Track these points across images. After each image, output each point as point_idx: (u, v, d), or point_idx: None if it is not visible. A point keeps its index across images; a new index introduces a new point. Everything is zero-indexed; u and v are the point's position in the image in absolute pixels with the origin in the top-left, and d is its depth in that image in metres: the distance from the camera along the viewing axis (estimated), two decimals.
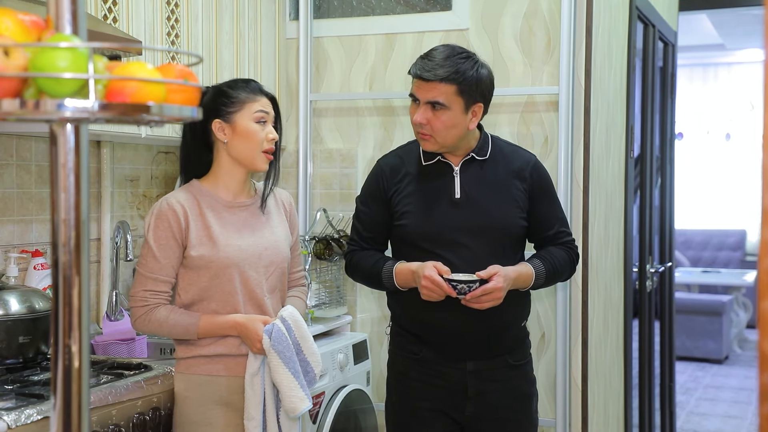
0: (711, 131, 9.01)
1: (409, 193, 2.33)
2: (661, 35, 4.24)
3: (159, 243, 2.16)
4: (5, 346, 2.20)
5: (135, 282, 2.21)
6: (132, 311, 2.20)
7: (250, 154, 2.22)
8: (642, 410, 4.07)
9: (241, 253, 2.21)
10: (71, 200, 0.87)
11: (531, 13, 3.13)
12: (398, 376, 2.42)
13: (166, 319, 2.16)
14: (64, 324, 0.87)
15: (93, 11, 2.40)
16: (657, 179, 4.44)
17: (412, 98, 2.30)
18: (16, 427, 1.80)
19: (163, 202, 2.20)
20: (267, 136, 2.22)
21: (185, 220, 2.17)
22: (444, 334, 2.31)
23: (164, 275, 2.17)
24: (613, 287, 3.51)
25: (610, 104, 3.37)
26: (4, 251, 2.54)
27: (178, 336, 2.20)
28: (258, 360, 2.17)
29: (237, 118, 2.22)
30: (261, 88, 2.26)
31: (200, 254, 2.17)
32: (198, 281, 2.19)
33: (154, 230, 2.17)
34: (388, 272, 2.33)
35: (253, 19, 3.16)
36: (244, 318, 2.18)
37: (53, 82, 0.79)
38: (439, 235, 2.29)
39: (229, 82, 2.29)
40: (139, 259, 2.21)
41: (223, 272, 2.18)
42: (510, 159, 2.39)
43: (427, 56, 2.29)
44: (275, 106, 2.28)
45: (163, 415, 2.22)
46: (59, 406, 0.87)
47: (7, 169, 2.57)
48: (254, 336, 2.15)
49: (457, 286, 2.19)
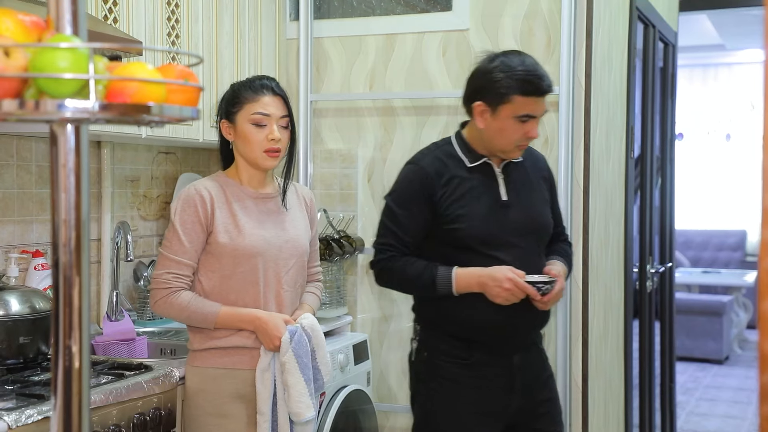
0: (711, 131, 9.01)
1: (460, 196, 2.30)
2: (661, 36, 4.24)
3: (185, 227, 2.19)
4: (6, 346, 2.20)
5: (158, 264, 2.22)
6: (153, 293, 2.21)
7: (252, 155, 2.24)
8: (642, 410, 4.07)
9: (265, 244, 2.23)
10: (72, 200, 0.87)
11: (531, 13, 3.13)
12: (444, 382, 2.32)
13: (188, 305, 2.18)
14: (64, 324, 0.87)
15: (93, 12, 2.40)
16: (657, 179, 4.43)
17: (526, 117, 2.26)
18: (17, 428, 1.80)
19: (191, 187, 2.23)
20: (267, 136, 2.23)
21: (211, 206, 2.20)
22: (494, 333, 2.31)
23: (188, 259, 2.19)
24: (613, 287, 3.51)
25: (610, 104, 3.37)
26: (5, 251, 2.54)
27: (195, 323, 2.21)
28: (269, 356, 2.19)
29: (238, 118, 2.25)
30: (265, 85, 2.25)
31: (226, 241, 2.20)
32: (220, 269, 2.21)
33: (180, 214, 2.19)
34: (445, 278, 2.26)
35: (254, 19, 3.16)
36: (264, 313, 2.20)
37: (54, 83, 0.79)
38: (494, 237, 2.30)
39: (242, 81, 2.31)
40: (164, 242, 2.23)
41: (246, 261, 2.21)
42: (533, 159, 2.47)
43: (531, 71, 2.25)
44: (286, 103, 2.28)
45: (163, 414, 2.22)
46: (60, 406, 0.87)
47: (8, 170, 2.57)
48: (273, 332, 2.17)
49: (542, 288, 2.24)
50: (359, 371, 3.11)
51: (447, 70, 3.23)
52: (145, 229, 3.12)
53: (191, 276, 2.22)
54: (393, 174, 3.30)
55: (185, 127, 2.81)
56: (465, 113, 2.38)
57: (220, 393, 2.21)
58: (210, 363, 2.22)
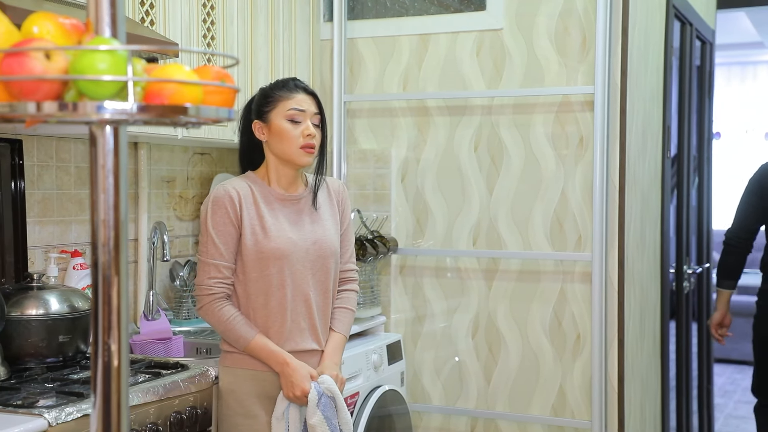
0: (749, 130, 8.87)
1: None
2: (698, 34, 4.19)
3: (217, 229, 2.20)
4: (46, 345, 2.23)
5: (198, 271, 2.25)
6: (197, 299, 2.25)
7: (288, 151, 2.25)
8: (680, 413, 4.02)
9: (291, 245, 2.23)
10: (110, 201, 0.88)
11: (566, 12, 3.11)
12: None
13: (226, 321, 2.21)
14: (103, 323, 0.87)
15: (131, 14, 2.43)
16: (694, 179, 4.38)
17: None
18: (57, 425, 1.82)
19: (219, 188, 2.25)
20: (303, 132, 2.24)
21: (240, 206, 2.22)
22: None
23: (225, 261, 2.21)
24: (649, 288, 3.47)
25: (646, 104, 3.34)
26: (45, 251, 2.57)
27: (228, 340, 2.25)
28: (284, 404, 2.20)
29: (272, 117, 2.26)
30: (298, 85, 2.28)
31: (251, 243, 2.21)
32: (246, 271, 2.23)
33: (212, 217, 2.21)
34: None
35: (288, 20, 3.18)
36: (294, 362, 2.20)
37: (93, 85, 0.80)
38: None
39: (271, 83, 2.33)
40: (200, 248, 2.26)
41: (272, 263, 2.21)
42: None
43: None
44: (318, 102, 2.30)
45: (200, 413, 2.24)
46: (99, 404, 0.88)
47: (48, 171, 2.61)
48: (299, 383, 2.18)
49: None
50: (393, 371, 3.11)
51: (481, 69, 3.22)
52: (181, 230, 3.15)
53: (231, 277, 2.24)
54: (427, 174, 3.32)
55: (220, 128, 2.83)
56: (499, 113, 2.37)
57: (249, 394, 2.22)
58: (240, 364, 2.24)
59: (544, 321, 3.17)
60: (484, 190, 3.24)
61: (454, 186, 3.28)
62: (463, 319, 3.28)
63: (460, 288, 3.29)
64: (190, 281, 3.01)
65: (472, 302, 3.27)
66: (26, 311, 2.22)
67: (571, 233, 3.13)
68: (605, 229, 3.00)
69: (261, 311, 2.23)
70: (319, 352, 2.30)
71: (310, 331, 2.27)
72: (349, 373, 2.77)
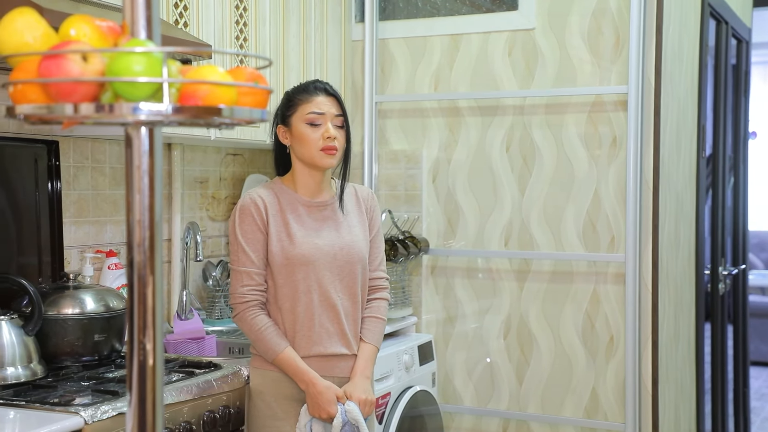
0: None
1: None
2: (734, 32, 4.14)
3: (246, 237, 2.22)
4: (81, 343, 2.26)
5: (232, 280, 2.27)
6: (233, 308, 2.27)
7: (309, 154, 2.25)
8: (715, 416, 3.97)
9: (317, 252, 2.24)
10: (145, 201, 0.89)
11: (599, 11, 3.08)
12: None
13: (258, 330, 2.22)
14: (138, 322, 0.88)
15: (165, 16, 2.45)
16: (730, 179, 4.33)
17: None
18: (93, 423, 1.85)
19: (246, 197, 2.27)
20: (323, 134, 2.24)
21: (266, 213, 2.24)
22: None
23: (256, 268, 2.23)
24: (684, 289, 3.43)
25: (681, 103, 3.30)
26: (80, 251, 2.61)
27: (258, 349, 2.26)
28: (307, 417, 2.21)
29: (293, 121, 2.27)
30: (318, 87, 2.28)
31: (277, 250, 2.22)
32: (275, 277, 2.24)
33: (240, 225, 2.23)
34: None
35: (320, 21, 3.19)
36: (321, 383, 2.20)
37: (129, 86, 0.81)
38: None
39: (294, 87, 2.34)
40: (231, 257, 2.28)
41: (298, 269, 2.22)
42: None
43: None
44: (340, 103, 2.29)
45: (232, 413, 2.25)
46: (135, 402, 0.89)
47: (83, 172, 2.64)
48: (324, 406, 2.18)
49: None
50: (424, 372, 3.10)
51: (513, 70, 3.21)
52: (214, 230, 3.17)
53: (264, 284, 2.25)
54: (458, 174, 3.31)
55: (253, 129, 2.85)
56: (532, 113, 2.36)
57: (277, 395, 2.24)
58: (269, 366, 2.25)
59: (576, 322, 3.15)
60: (516, 191, 3.23)
61: (485, 186, 3.27)
62: (494, 320, 3.27)
63: (491, 289, 3.28)
64: (223, 281, 3.03)
65: (503, 303, 3.25)
66: (63, 310, 2.25)
67: (604, 234, 3.11)
68: (639, 230, 2.97)
69: (288, 315, 2.24)
70: (349, 356, 2.29)
71: (339, 336, 2.27)
72: (381, 373, 2.77)
